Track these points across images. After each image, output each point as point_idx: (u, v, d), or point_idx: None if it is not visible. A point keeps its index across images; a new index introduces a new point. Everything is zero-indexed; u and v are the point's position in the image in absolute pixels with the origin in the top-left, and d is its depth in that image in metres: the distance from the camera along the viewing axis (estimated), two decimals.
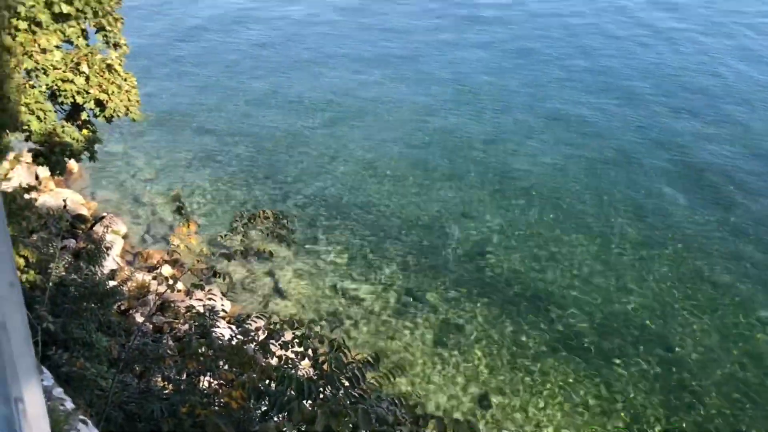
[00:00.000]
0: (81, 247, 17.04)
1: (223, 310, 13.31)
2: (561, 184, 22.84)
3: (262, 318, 8.22)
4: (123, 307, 15.08)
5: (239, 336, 8.02)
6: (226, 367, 7.80)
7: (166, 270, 16.29)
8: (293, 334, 7.57)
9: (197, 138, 26.09)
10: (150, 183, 23.05)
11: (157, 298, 12.64)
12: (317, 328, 15.28)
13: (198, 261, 8.84)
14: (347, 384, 6.56)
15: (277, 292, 18.13)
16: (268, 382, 6.86)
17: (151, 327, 14.60)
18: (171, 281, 8.67)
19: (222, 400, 7.43)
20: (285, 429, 5.82)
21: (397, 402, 6.33)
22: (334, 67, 33.09)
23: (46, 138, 12.82)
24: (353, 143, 25.66)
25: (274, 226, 8.74)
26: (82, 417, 6.04)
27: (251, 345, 7.85)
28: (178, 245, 8.85)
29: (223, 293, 17.03)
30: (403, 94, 29.92)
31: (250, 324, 8.23)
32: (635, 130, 26.48)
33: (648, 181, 22.94)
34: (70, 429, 5.73)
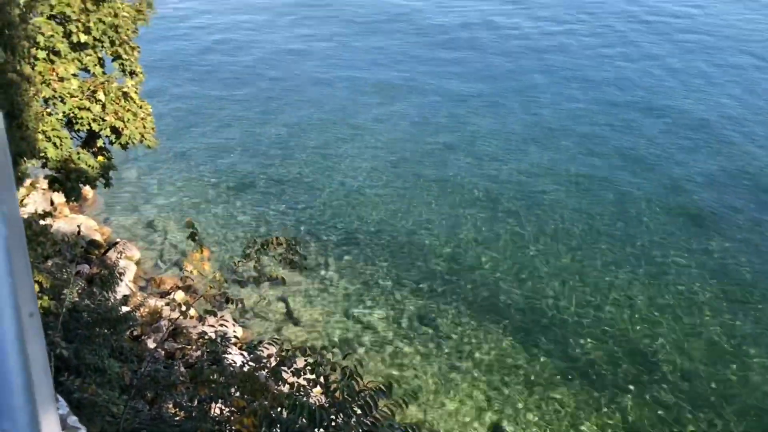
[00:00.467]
0: (94, 272, 17.12)
1: (235, 336, 13.28)
2: (576, 211, 22.75)
3: (274, 344, 8.21)
4: (135, 333, 15.10)
5: (251, 363, 8.00)
6: (238, 394, 7.77)
7: (179, 296, 16.34)
8: (305, 361, 7.55)
9: (210, 164, 26.30)
10: (163, 209, 23.21)
11: (169, 324, 12.65)
12: (329, 355, 15.22)
13: (211, 287, 8.87)
14: (359, 412, 6.51)
15: (289, 317, 18.09)
16: (279, 409, 6.83)
17: (163, 353, 14.58)
18: (183, 307, 8.70)
19: (234, 428, 7.39)
20: None
21: (409, 430, 6.27)
22: (344, 88, 33.36)
23: (62, 165, 13.00)
24: (364, 167, 25.76)
25: (286, 252, 8.77)
26: None
27: (263, 372, 7.83)
28: (191, 271, 8.89)
29: (235, 319, 17.03)
30: (412, 116, 30.05)
31: (262, 350, 8.22)
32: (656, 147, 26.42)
33: (676, 209, 22.82)
34: None
